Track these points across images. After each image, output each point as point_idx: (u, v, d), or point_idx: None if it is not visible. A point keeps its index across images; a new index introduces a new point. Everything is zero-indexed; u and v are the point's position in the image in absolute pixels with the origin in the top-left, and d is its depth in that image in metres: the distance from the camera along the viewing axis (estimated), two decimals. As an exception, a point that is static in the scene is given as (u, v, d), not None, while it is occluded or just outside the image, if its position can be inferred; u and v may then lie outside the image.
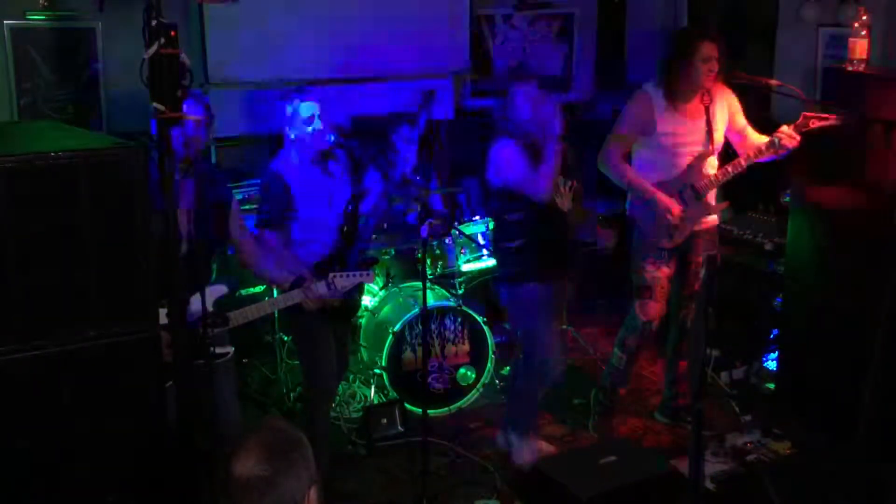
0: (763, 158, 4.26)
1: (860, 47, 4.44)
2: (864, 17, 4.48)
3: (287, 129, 3.93)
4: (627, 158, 4.43)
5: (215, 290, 3.46)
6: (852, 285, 4.33)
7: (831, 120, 4.13)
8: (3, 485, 2.59)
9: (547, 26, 7.02)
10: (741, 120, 4.43)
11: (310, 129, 3.86)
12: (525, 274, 4.16)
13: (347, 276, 3.81)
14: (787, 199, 4.80)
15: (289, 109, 3.89)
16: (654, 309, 4.48)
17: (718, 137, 4.38)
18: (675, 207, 4.30)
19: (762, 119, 4.75)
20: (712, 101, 4.32)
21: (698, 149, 4.35)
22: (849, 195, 4.36)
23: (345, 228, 4.00)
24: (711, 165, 4.39)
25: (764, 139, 4.29)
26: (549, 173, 4.02)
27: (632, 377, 4.80)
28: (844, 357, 4.34)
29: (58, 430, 2.65)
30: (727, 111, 4.40)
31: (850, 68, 4.44)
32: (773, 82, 4.56)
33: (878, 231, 4.15)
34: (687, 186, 4.35)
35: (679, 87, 4.25)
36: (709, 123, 4.32)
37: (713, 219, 4.50)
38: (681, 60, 4.22)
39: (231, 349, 3.53)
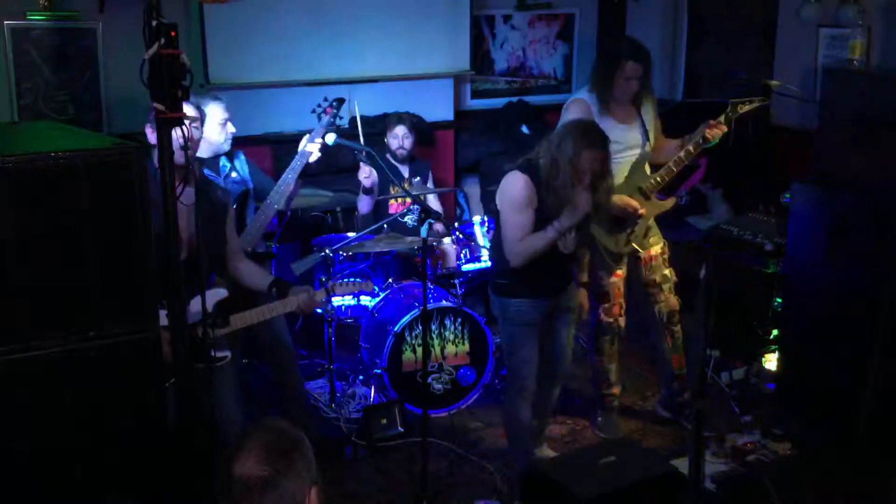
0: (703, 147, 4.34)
1: (860, 47, 4.46)
2: (864, 18, 4.51)
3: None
4: None
5: (215, 294, 3.45)
6: (852, 285, 4.33)
7: (756, 102, 4.27)
8: (3, 485, 2.59)
9: (547, 26, 7.02)
10: (657, 123, 4.52)
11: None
12: (515, 289, 3.97)
13: (347, 282, 4.03)
14: (787, 199, 4.81)
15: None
16: (614, 310, 4.54)
17: (652, 139, 4.44)
18: (637, 205, 4.34)
19: (761, 120, 4.75)
20: (642, 103, 4.39)
21: (637, 152, 4.40)
22: (848, 195, 4.36)
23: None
24: (649, 166, 4.47)
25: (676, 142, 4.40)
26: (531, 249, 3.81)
27: (620, 376, 4.79)
28: (844, 357, 4.35)
29: (58, 430, 2.65)
30: (650, 113, 4.46)
31: (849, 68, 4.45)
32: (774, 82, 4.58)
33: (877, 231, 4.16)
34: (634, 190, 4.39)
35: (610, 96, 4.30)
36: (643, 125, 4.39)
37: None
38: (606, 73, 4.29)
39: (228, 353, 3.52)
